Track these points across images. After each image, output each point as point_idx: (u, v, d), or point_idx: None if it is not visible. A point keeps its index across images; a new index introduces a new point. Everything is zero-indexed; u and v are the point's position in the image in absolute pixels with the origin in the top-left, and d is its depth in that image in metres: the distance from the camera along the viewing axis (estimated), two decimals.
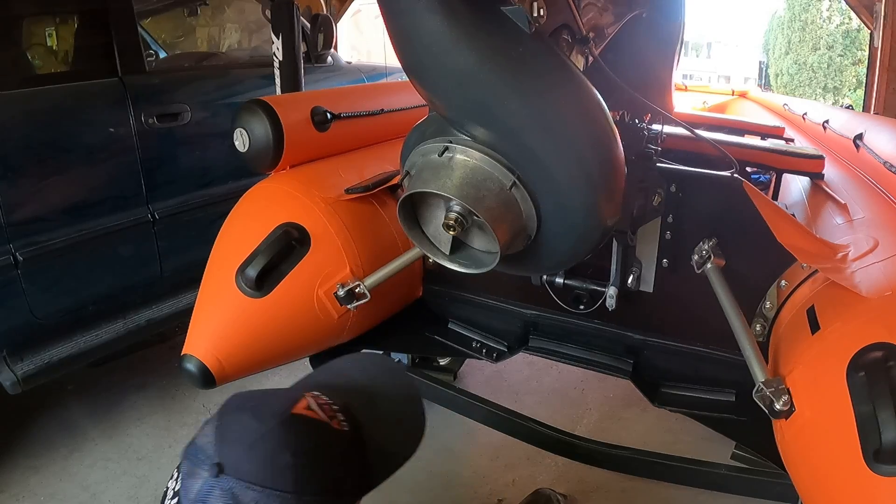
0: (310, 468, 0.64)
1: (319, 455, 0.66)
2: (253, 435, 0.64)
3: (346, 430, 0.69)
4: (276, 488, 0.61)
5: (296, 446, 0.64)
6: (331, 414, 0.69)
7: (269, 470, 0.62)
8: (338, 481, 0.66)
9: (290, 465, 0.62)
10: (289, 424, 0.65)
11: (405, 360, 2.02)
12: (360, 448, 0.70)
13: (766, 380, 0.87)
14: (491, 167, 0.81)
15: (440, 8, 0.73)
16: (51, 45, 2.31)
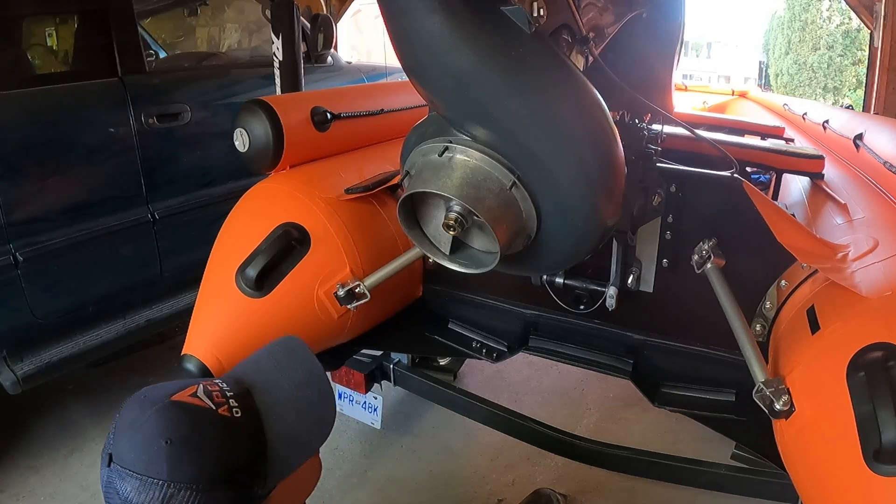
0: (185, 455, 0.63)
1: (196, 441, 0.64)
2: (135, 423, 0.64)
3: (237, 417, 0.67)
4: (150, 475, 0.61)
5: (170, 433, 0.63)
6: (220, 400, 0.68)
7: (145, 457, 0.62)
8: (221, 468, 0.64)
9: (164, 451, 0.62)
10: (165, 411, 0.65)
11: (405, 360, 2.02)
12: (254, 435, 0.68)
13: (766, 380, 0.87)
14: (491, 167, 0.81)
15: (440, 8, 0.73)
16: (51, 45, 2.31)
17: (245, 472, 0.66)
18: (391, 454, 2.17)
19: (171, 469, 0.61)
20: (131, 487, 0.61)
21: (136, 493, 0.61)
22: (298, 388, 0.75)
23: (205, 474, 0.62)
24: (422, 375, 1.94)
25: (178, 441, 0.63)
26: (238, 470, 0.65)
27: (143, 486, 0.61)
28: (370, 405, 2.02)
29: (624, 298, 1.31)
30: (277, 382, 0.75)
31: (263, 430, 0.69)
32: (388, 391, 2.05)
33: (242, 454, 0.66)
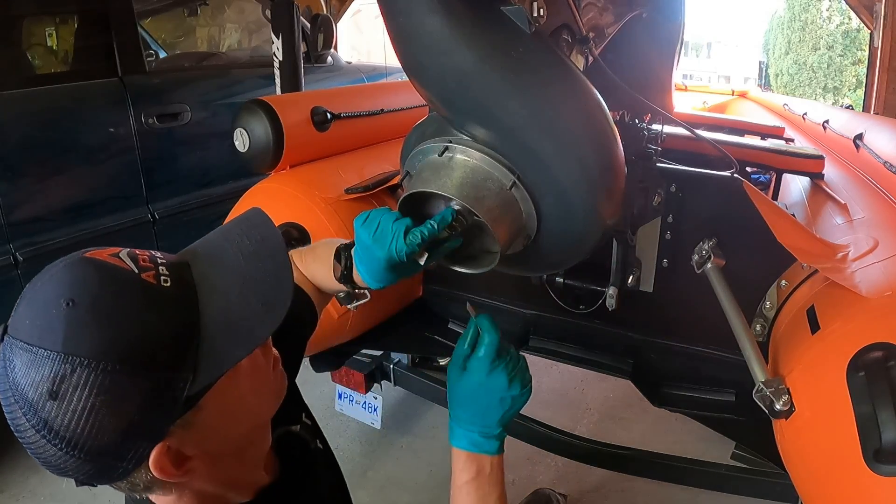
0: (88, 320, 0.48)
1: (104, 305, 0.49)
2: (37, 287, 0.51)
3: (165, 286, 0.52)
4: (42, 346, 0.47)
5: (74, 293, 0.48)
6: (146, 265, 0.52)
7: (39, 323, 0.48)
8: (134, 344, 0.48)
9: (62, 315, 0.47)
10: (72, 267, 0.51)
11: (405, 360, 2.02)
12: (185, 313, 0.52)
13: (766, 380, 0.87)
14: (491, 167, 0.81)
15: (440, 8, 0.73)
16: (51, 45, 2.31)
17: (166, 358, 0.50)
18: (391, 454, 2.17)
19: (67, 337, 0.47)
20: (20, 363, 0.47)
21: (23, 371, 0.47)
22: (247, 260, 0.57)
23: (110, 349, 0.47)
24: (422, 375, 1.94)
25: (81, 303, 0.48)
26: (157, 352, 0.50)
27: (33, 360, 0.47)
28: (370, 405, 2.01)
29: (624, 298, 1.31)
30: (223, 253, 0.58)
31: (197, 308, 0.53)
32: (388, 391, 2.05)
33: (164, 332, 0.50)
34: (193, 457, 0.55)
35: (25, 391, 0.48)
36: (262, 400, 0.62)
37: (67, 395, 0.47)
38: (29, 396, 0.48)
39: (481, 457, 0.74)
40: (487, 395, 0.74)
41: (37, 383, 0.47)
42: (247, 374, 0.58)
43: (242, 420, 0.60)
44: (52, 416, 0.48)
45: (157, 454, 0.52)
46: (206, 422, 0.54)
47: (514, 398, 0.76)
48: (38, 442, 0.49)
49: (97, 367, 0.47)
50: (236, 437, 0.60)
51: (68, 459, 0.50)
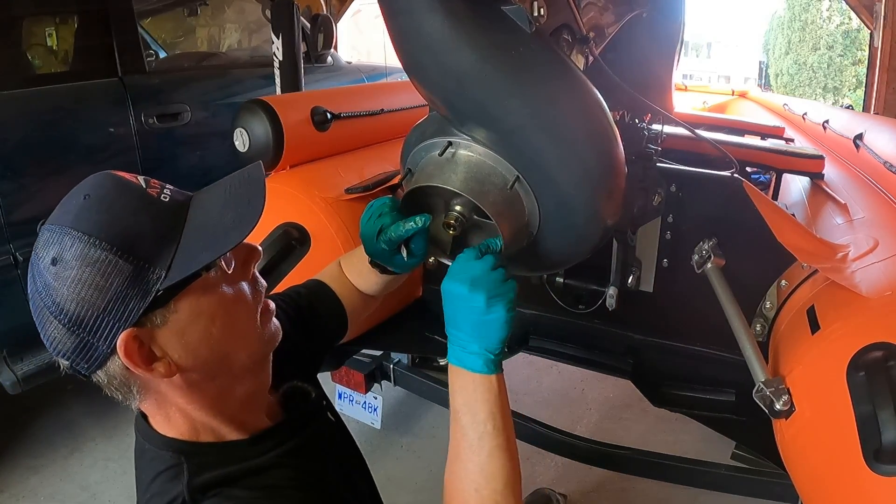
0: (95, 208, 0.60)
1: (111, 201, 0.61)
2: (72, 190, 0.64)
3: (164, 201, 0.64)
4: (57, 223, 0.59)
5: (92, 191, 0.61)
6: (153, 185, 0.65)
7: (61, 210, 0.61)
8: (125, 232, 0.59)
9: (79, 204, 0.60)
10: (97, 176, 0.64)
11: (405, 360, 2.02)
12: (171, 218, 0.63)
13: (766, 380, 0.87)
14: (495, 162, 0.81)
15: (440, 7, 0.73)
16: (51, 45, 2.31)
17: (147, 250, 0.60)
18: (391, 454, 2.18)
19: (76, 217, 0.59)
20: (42, 240, 0.60)
21: (43, 244, 0.59)
22: (233, 188, 0.69)
23: (103, 230, 0.58)
24: (422, 375, 1.94)
25: (94, 196, 0.61)
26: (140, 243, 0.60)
27: (51, 235, 0.59)
28: (370, 405, 2.02)
29: (624, 298, 1.31)
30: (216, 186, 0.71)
31: (185, 221, 0.65)
32: (388, 391, 2.05)
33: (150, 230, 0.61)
34: (161, 358, 0.62)
35: (37, 259, 0.59)
36: (239, 331, 0.68)
37: (65, 261, 0.58)
38: (39, 265, 0.59)
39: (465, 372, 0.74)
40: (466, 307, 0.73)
41: (45, 251, 0.59)
42: (227, 300, 0.65)
43: (216, 342, 0.65)
44: (49, 280, 0.58)
45: (125, 338, 0.59)
46: (177, 326, 0.62)
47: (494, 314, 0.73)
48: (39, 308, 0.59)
49: (90, 241, 0.58)
50: (209, 359, 0.65)
51: (57, 326, 0.59)
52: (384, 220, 0.83)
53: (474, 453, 0.71)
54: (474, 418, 0.72)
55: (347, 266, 1.00)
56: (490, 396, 0.72)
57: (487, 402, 0.72)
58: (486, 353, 0.72)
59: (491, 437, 0.71)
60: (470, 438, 0.72)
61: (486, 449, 0.71)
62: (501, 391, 0.74)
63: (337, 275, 1.00)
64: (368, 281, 0.97)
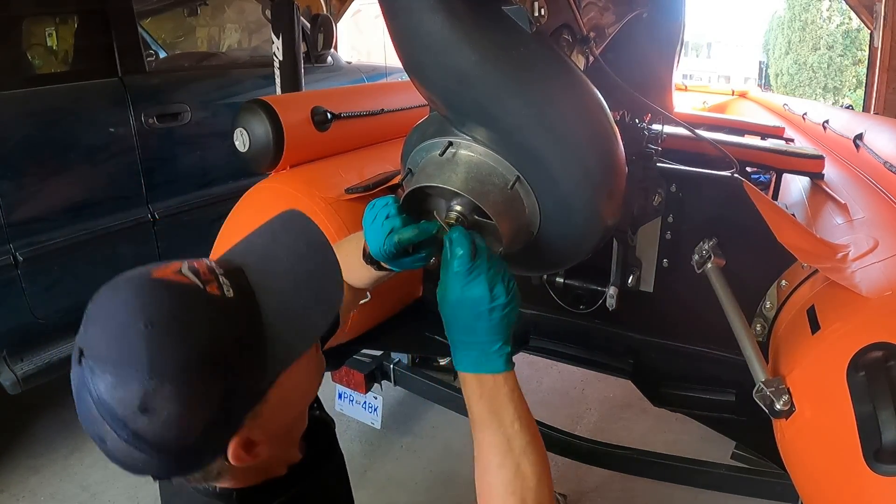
0: (168, 339, 0.52)
1: (181, 323, 0.53)
2: (108, 309, 0.54)
3: (229, 297, 0.56)
4: (129, 366, 0.51)
5: (150, 314, 0.52)
6: (208, 278, 0.57)
7: (121, 346, 0.52)
8: (212, 353, 0.54)
9: (143, 336, 0.51)
10: (143, 290, 0.54)
11: (405, 360, 2.02)
12: (248, 315, 0.57)
13: (767, 380, 0.87)
14: (495, 162, 0.81)
15: (441, 7, 0.73)
16: (51, 45, 2.31)
17: (238, 361, 0.55)
18: (391, 454, 2.18)
19: (153, 357, 0.51)
20: (105, 384, 0.51)
21: (110, 391, 0.51)
22: (298, 261, 0.63)
23: (190, 362, 0.52)
24: (422, 375, 1.94)
25: (159, 323, 0.52)
26: (229, 357, 0.55)
27: (120, 380, 0.51)
28: (370, 405, 2.02)
29: (624, 298, 1.31)
30: (273, 256, 0.64)
31: (259, 311, 0.58)
32: (388, 391, 2.06)
33: (234, 338, 0.56)
34: (260, 442, 0.60)
35: (114, 409, 0.52)
36: (311, 383, 0.69)
37: (156, 408, 0.51)
38: (119, 413, 0.52)
39: (485, 377, 0.70)
40: (471, 309, 0.70)
41: (126, 401, 0.51)
42: (302, 364, 0.63)
43: (298, 403, 0.67)
44: (142, 428, 0.52)
45: (233, 445, 0.57)
46: (271, 409, 0.59)
47: (501, 307, 0.70)
48: (126, 451, 0.54)
49: (180, 380, 0.52)
50: (292, 419, 0.67)
51: (154, 462, 0.54)
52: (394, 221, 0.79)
53: (507, 458, 0.69)
54: (502, 422, 0.70)
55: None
56: (514, 394, 0.71)
57: (512, 401, 0.70)
58: (505, 347, 0.70)
59: (520, 436, 0.70)
60: (500, 444, 0.69)
61: (518, 450, 0.69)
62: (517, 385, 0.72)
63: None
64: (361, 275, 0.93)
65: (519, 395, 0.72)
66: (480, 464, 0.70)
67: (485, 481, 0.70)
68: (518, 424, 0.70)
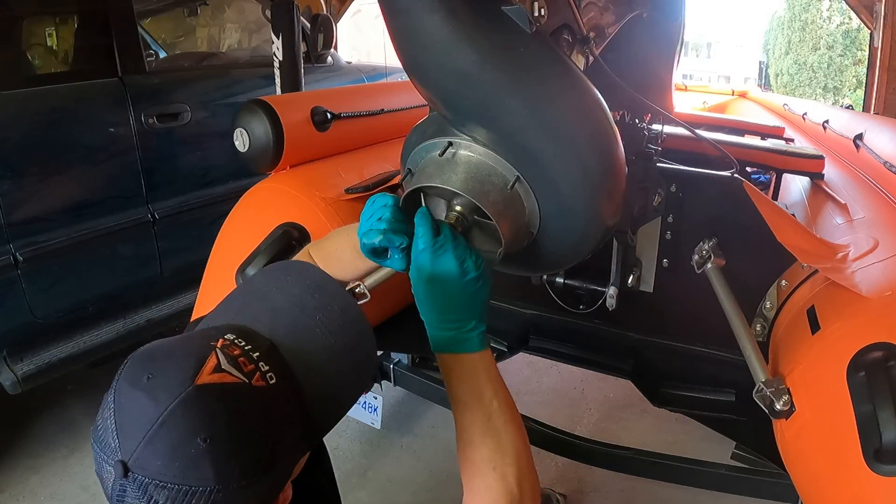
0: (231, 449, 0.51)
1: (240, 429, 0.52)
2: (151, 422, 0.50)
3: (273, 384, 0.55)
4: (189, 483, 0.49)
5: (207, 429, 0.50)
6: (250, 368, 0.55)
7: (180, 463, 0.49)
8: (271, 451, 0.53)
9: (205, 452, 0.49)
10: (194, 401, 0.51)
11: (405, 361, 2.02)
12: (293, 401, 0.57)
13: (767, 380, 0.87)
14: (495, 162, 0.81)
15: (441, 7, 0.73)
16: (51, 45, 2.31)
17: (290, 450, 0.56)
18: (391, 454, 2.17)
19: (217, 472, 0.50)
20: (165, 498, 0.49)
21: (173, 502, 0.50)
22: (333, 336, 0.61)
23: (254, 468, 0.52)
24: (422, 375, 1.94)
25: (217, 438, 0.50)
26: (283, 449, 0.55)
27: (182, 496, 0.49)
28: (370, 405, 2.01)
29: (624, 298, 1.31)
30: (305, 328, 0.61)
31: (301, 391, 0.57)
32: (388, 391, 2.05)
33: (286, 430, 0.55)
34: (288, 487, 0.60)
35: None
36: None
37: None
38: None
39: (463, 356, 0.73)
40: (443, 288, 0.72)
41: None
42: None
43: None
44: None
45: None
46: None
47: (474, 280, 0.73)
48: None
49: (247, 485, 0.52)
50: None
51: None
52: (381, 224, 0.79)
53: (488, 435, 0.71)
54: (481, 400, 0.72)
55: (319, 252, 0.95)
56: (491, 372, 0.73)
57: (490, 379, 0.73)
58: (480, 325, 0.74)
59: (499, 413, 0.72)
60: (481, 421, 0.72)
61: (498, 426, 0.71)
62: (494, 363, 0.75)
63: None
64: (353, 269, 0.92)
65: (496, 373, 0.74)
66: (462, 441, 0.73)
67: (466, 457, 0.72)
68: (496, 402, 0.73)
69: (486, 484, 0.70)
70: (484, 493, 0.70)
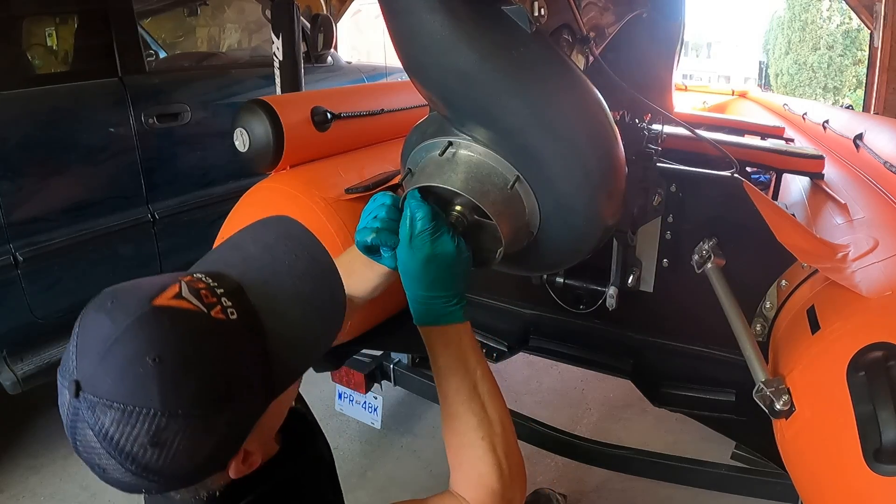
0: (180, 372, 0.50)
1: (191, 354, 0.51)
2: (107, 340, 0.50)
3: (233, 319, 0.54)
4: (136, 404, 0.48)
5: (158, 348, 0.50)
6: (211, 301, 0.54)
7: (128, 382, 0.49)
8: (222, 385, 0.52)
9: (153, 373, 0.49)
10: (148, 320, 0.51)
11: (405, 361, 2.02)
12: (255, 339, 0.56)
13: (767, 380, 0.87)
14: (495, 162, 0.81)
15: (441, 7, 0.73)
16: (51, 45, 2.31)
17: (246, 388, 0.55)
18: (391, 454, 2.17)
19: (163, 393, 0.49)
20: (110, 420, 0.49)
21: (118, 427, 0.49)
22: (301, 281, 0.61)
23: (202, 396, 0.51)
24: (422, 375, 1.94)
25: (167, 359, 0.49)
26: (239, 386, 0.54)
27: (129, 417, 0.49)
28: (370, 405, 2.01)
29: (624, 298, 1.31)
30: (273, 273, 0.61)
31: (264, 333, 0.56)
32: (388, 391, 2.05)
33: (242, 366, 0.54)
34: (255, 451, 0.61)
35: (122, 444, 0.50)
36: (296, 389, 0.71)
37: (167, 442, 0.50)
38: (127, 449, 0.50)
39: (447, 328, 0.76)
40: (440, 264, 0.74)
41: (135, 437, 0.50)
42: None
43: (287, 405, 0.68)
44: (152, 461, 0.51)
45: (234, 462, 0.58)
46: (265, 422, 0.60)
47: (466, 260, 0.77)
48: (133, 481, 0.52)
49: (193, 414, 0.51)
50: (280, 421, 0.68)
51: (155, 486, 0.54)
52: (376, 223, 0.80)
53: (474, 402, 0.73)
54: (467, 368, 0.74)
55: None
56: (473, 342, 0.76)
57: (473, 349, 0.76)
58: (462, 300, 0.76)
59: (483, 382, 0.74)
60: (466, 392, 0.73)
61: (484, 394, 0.74)
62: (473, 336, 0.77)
63: None
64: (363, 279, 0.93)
65: (476, 344, 0.77)
66: (448, 413, 0.74)
67: (452, 429, 0.73)
68: (480, 371, 0.75)
69: (475, 455, 0.71)
70: (475, 464, 0.71)
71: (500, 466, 0.71)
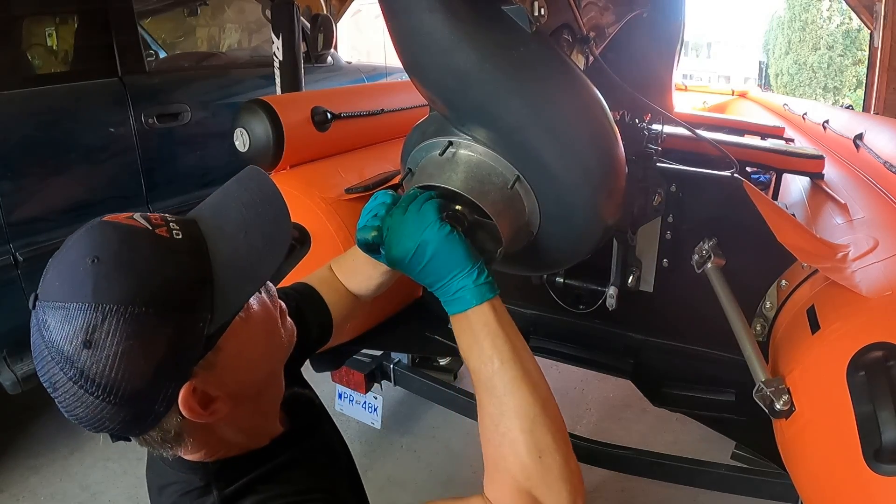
0: (113, 271, 0.52)
1: (126, 256, 0.54)
2: (62, 253, 0.55)
3: (177, 238, 0.57)
4: (74, 300, 0.51)
5: (97, 250, 0.53)
6: (158, 223, 0.58)
7: (69, 283, 0.52)
8: (157, 287, 0.54)
9: (89, 270, 0.52)
10: (94, 229, 0.56)
11: (405, 360, 2.02)
12: (196, 257, 0.57)
13: (767, 379, 0.87)
14: (495, 162, 0.81)
15: (441, 7, 0.73)
16: (51, 45, 2.31)
17: (186, 301, 0.55)
18: (391, 454, 2.17)
19: (96, 287, 0.51)
20: (54, 321, 0.51)
21: (58, 328, 0.51)
22: (247, 209, 0.63)
23: (135, 295, 0.52)
24: (422, 375, 1.94)
25: (105, 258, 0.53)
26: (176, 296, 0.55)
27: (66, 315, 0.51)
28: (370, 405, 2.01)
29: (624, 298, 1.31)
30: (225, 206, 0.65)
31: (208, 255, 0.58)
32: (388, 391, 2.05)
33: (181, 278, 0.55)
34: (217, 398, 0.59)
35: (61, 346, 0.51)
36: (274, 346, 0.68)
37: (100, 341, 0.51)
38: (65, 350, 0.51)
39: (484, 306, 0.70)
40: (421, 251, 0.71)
41: (71, 336, 0.51)
42: (259, 319, 0.64)
43: (259, 363, 0.65)
44: (87, 365, 0.51)
45: (184, 394, 0.56)
46: (226, 363, 0.59)
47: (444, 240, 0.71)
48: (77, 394, 0.52)
49: (125, 312, 0.51)
50: (254, 381, 0.65)
51: (105, 407, 0.53)
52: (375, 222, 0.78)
53: (492, 394, 0.66)
54: (514, 344, 0.68)
55: (340, 267, 0.97)
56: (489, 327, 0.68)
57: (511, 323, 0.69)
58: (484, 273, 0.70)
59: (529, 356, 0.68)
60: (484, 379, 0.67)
61: (502, 386, 0.65)
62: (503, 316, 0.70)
63: (327, 278, 0.96)
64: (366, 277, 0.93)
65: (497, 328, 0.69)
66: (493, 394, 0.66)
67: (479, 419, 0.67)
68: (521, 342, 0.69)
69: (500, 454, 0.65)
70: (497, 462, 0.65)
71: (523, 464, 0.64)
